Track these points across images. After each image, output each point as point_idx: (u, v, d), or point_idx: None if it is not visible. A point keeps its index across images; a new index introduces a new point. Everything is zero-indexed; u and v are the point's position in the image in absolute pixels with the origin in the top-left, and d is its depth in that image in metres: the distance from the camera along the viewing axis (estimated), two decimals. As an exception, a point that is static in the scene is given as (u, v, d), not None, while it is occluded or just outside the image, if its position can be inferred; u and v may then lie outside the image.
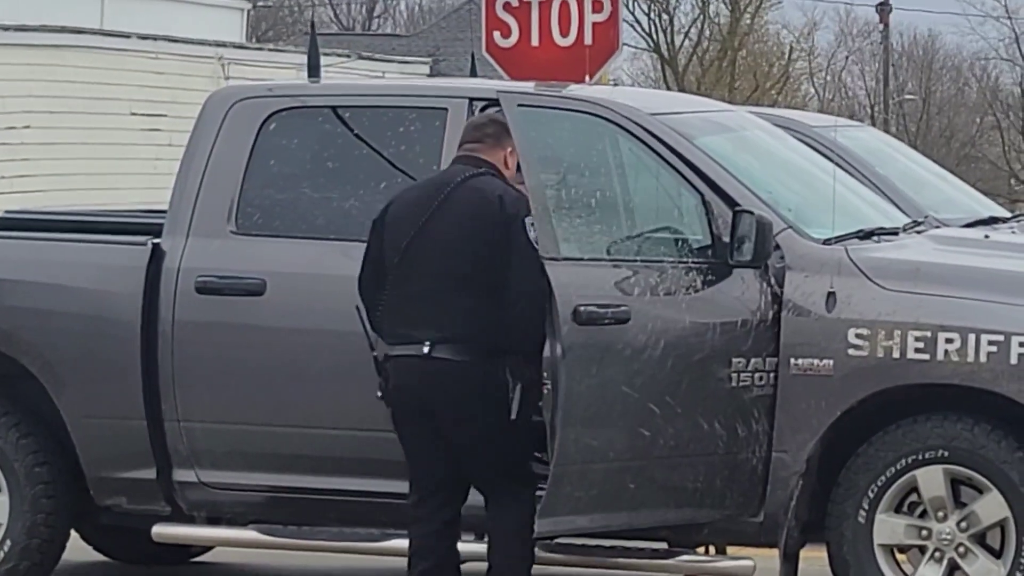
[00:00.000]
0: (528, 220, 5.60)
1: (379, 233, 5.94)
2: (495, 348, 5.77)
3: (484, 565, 5.82)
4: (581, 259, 5.89)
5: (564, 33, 9.07)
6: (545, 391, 5.57)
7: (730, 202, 5.94)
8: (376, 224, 5.97)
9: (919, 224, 7.26)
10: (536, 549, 5.96)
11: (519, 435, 5.78)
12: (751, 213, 5.78)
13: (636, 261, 6.03)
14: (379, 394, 5.90)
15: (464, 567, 5.82)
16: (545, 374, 5.57)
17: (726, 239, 5.93)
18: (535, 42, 9.14)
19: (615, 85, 11.52)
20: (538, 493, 5.80)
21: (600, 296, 5.88)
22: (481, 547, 5.87)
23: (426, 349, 5.74)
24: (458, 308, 5.77)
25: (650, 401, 5.85)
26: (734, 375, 5.99)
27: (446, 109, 6.31)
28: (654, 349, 5.86)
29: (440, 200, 5.76)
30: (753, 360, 6.01)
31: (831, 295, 6.04)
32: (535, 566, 6.15)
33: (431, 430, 5.84)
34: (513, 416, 5.72)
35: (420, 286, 5.85)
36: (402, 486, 6.14)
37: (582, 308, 5.74)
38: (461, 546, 5.85)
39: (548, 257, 5.54)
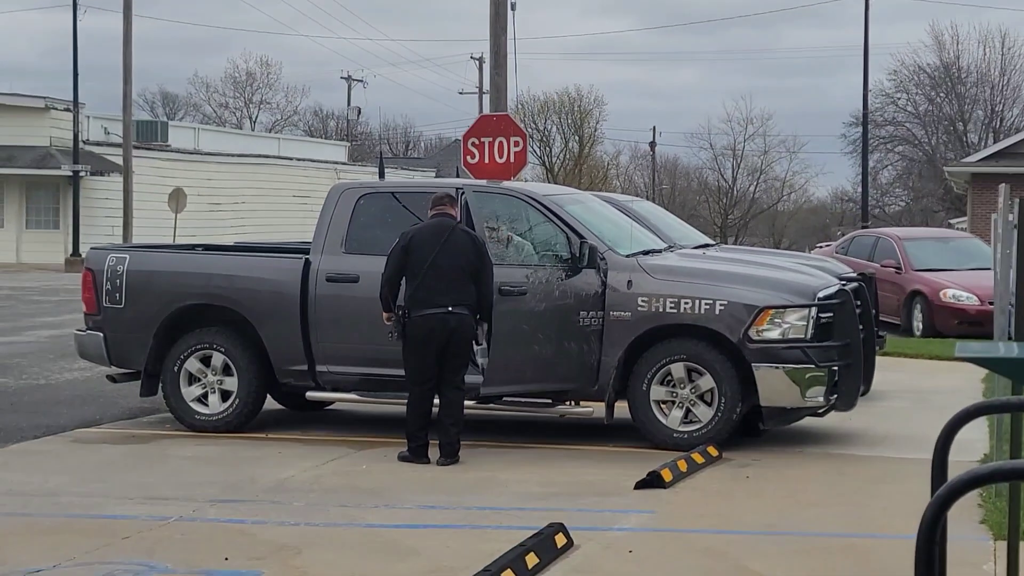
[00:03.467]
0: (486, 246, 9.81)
1: (406, 253, 9.33)
2: (474, 308, 9.55)
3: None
4: (503, 263, 9.91)
5: (500, 156, 13.05)
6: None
7: (580, 237, 10.28)
8: (404, 249, 9.32)
9: (671, 247, 11.35)
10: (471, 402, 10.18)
11: (471, 350, 9.75)
12: (587, 242, 10.19)
13: (532, 265, 10.24)
14: (393, 334, 9.34)
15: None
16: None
17: (578, 255, 10.20)
18: (487, 160, 13.14)
19: (525, 181, 15.76)
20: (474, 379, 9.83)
21: (513, 282, 9.99)
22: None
23: (450, 308, 9.33)
24: (462, 289, 9.46)
25: (538, 332, 10.11)
26: (582, 319, 10.15)
27: (444, 191, 10.65)
28: (539, 306, 10.11)
29: (447, 235, 9.47)
30: (592, 312, 10.16)
31: (630, 281, 10.22)
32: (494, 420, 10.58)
33: (437, 350, 9.42)
34: (481, 342, 9.67)
35: (443, 278, 9.39)
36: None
37: (503, 287, 9.95)
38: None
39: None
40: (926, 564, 2.84)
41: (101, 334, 11.45)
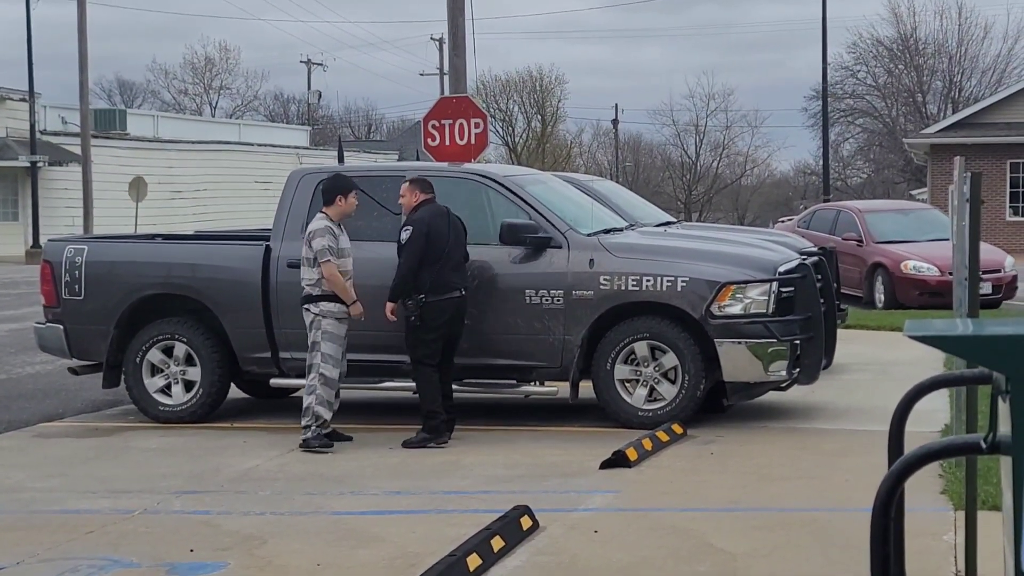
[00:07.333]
0: None
1: (426, 240, 9.54)
2: None
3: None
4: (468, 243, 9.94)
5: (461, 138, 13.09)
6: None
7: (542, 217, 10.27)
8: (426, 237, 9.52)
9: (632, 225, 11.45)
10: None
11: None
12: (548, 222, 10.25)
13: (494, 245, 10.25)
14: (412, 318, 9.51)
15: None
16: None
17: (540, 235, 10.20)
18: (447, 143, 13.11)
19: (487, 163, 15.84)
20: None
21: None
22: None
23: (463, 291, 9.73)
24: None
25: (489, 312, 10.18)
26: (545, 298, 10.21)
27: (404, 175, 10.58)
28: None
29: (449, 220, 9.73)
30: (554, 291, 10.23)
31: (592, 260, 10.23)
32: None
33: (450, 330, 9.74)
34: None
35: (454, 263, 9.65)
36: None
37: None
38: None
39: None
40: (882, 538, 2.87)
41: (61, 326, 11.39)
